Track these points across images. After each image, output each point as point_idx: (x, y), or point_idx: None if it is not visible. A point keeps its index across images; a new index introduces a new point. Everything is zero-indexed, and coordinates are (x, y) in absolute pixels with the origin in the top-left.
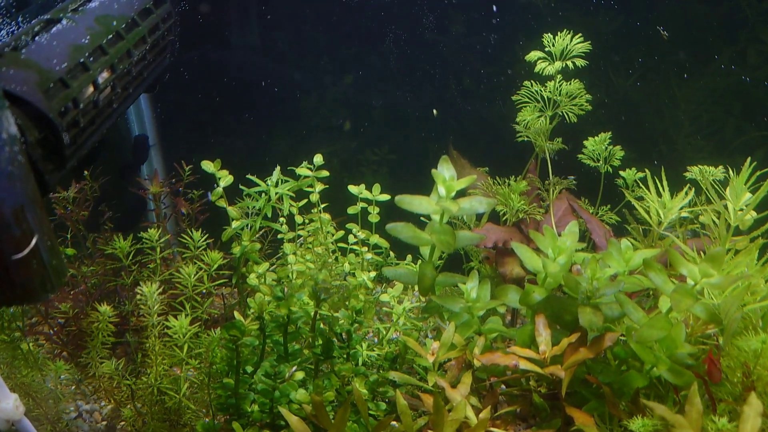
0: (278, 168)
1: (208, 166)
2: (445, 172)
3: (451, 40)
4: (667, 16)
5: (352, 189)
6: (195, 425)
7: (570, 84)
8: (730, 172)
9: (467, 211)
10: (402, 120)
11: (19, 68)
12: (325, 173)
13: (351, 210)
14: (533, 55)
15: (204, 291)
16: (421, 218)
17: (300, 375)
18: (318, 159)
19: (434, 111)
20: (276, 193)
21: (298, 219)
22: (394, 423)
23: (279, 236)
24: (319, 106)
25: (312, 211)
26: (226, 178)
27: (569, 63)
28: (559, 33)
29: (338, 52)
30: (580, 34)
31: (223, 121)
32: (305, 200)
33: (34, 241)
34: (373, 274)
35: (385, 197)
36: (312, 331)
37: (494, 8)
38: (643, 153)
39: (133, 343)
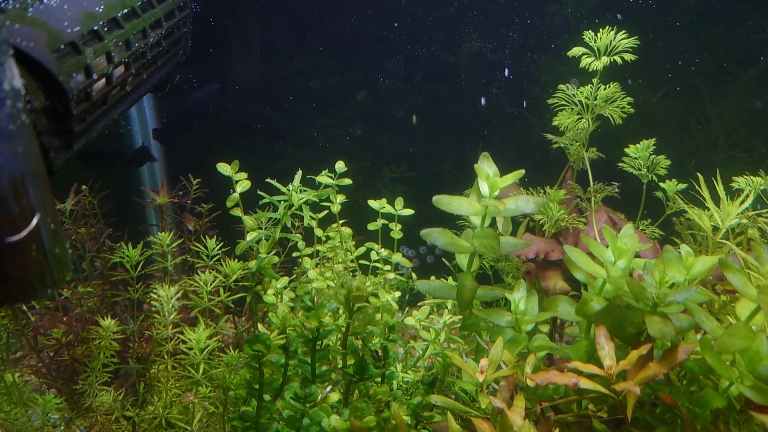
0: (300, 172)
1: (224, 168)
2: (487, 168)
3: (470, 54)
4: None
5: (373, 204)
6: None
7: (608, 87)
8: None
9: (512, 212)
10: (421, 136)
11: (26, 24)
12: (347, 181)
13: (371, 226)
14: (576, 50)
15: (219, 306)
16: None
17: (336, 396)
18: (340, 166)
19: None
20: (299, 200)
21: (318, 232)
22: None
23: (294, 255)
24: (332, 122)
25: (331, 226)
26: (243, 183)
27: (617, 58)
28: (601, 30)
29: (351, 67)
30: (624, 31)
31: (231, 138)
32: (325, 212)
33: (35, 221)
34: (397, 294)
35: (409, 212)
36: (343, 347)
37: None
38: (679, 165)
39: (136, 370)
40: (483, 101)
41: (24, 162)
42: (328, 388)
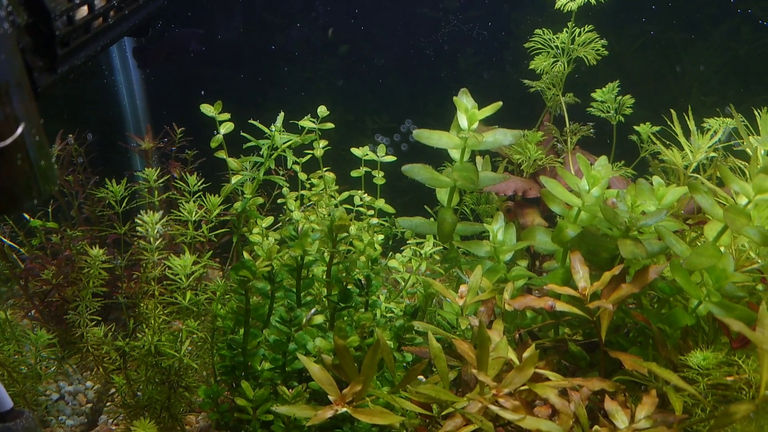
0: (282, 114)
1: (207, 109)
2: (466, 101)
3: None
4: None
5: (355, 151)
6: (197, 390)
7: (583, 30)
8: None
9: (491, 145)
10: (402, 85)
11: None
12: (329, 125)
13: (354, 173)
14: None
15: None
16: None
17: (320, 318)
18: (322, 110)
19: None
20: (282, 142)
21: (302, 176)
22: (420, 377)
23: (279, 201)
24: (313, 75)
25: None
26: (226, 125)
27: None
28: None
29: (334, 18)
30: None
31: (214, 90)
32: (309, 156)
33: (20, 130)
34: (380, 237)
35: (391, 158)
36: (328, 276)
37: None
38: (655, 112)
39: (125, 306)
40: (464, 54)
41: (7, 70)
42: (313, 310)
